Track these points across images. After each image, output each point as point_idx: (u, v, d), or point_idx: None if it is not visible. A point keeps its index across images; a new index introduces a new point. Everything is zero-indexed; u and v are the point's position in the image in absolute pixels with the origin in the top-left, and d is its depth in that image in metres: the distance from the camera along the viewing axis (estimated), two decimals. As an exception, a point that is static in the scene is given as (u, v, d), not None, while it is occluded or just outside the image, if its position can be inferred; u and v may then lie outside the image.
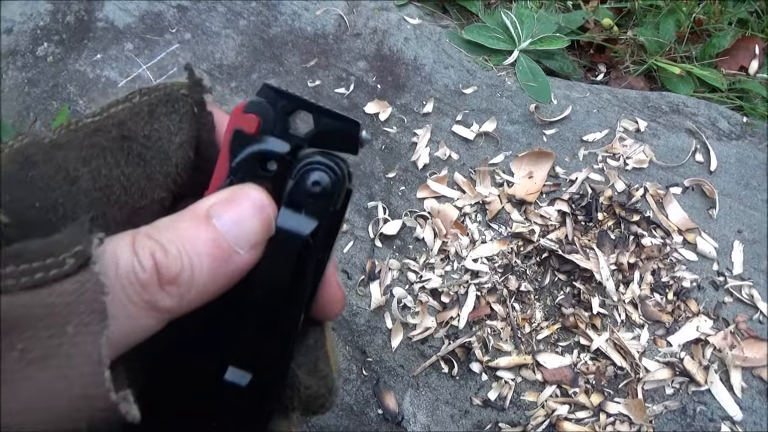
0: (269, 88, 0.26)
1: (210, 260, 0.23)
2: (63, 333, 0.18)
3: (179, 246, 0.22)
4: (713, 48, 1.18)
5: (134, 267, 0.21)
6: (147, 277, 0.21)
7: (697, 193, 0.98)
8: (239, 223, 0.24)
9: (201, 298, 0.23)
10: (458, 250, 0.95)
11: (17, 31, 1.23)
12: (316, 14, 1.19)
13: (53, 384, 0.18)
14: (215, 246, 0.23)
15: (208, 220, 0.23)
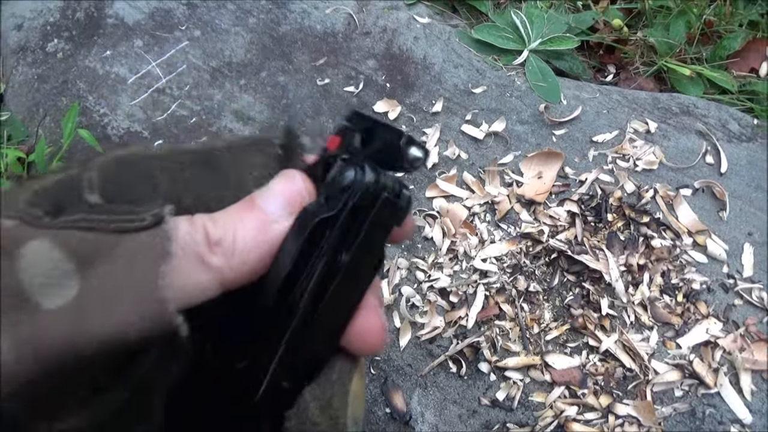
0: (354, 112, 0.30)
1: (250, 228, 0.26)
2: (134, 263, 0.23)
3: (225, 219, 0.26)
4: (724, 50, 1.18)
5: (190, 232, 0.25)
6: (199, 238, 0.25)
7: (708, 195, 0.98)
8: (276, 196, 0.27)
9: (246, 261, 0.26)
10: (467, 250, 0.95)
11: (27, 28, 1.24)
12: (326, 12, 1.19)
13: (116, 290, 0.22)
14: (255, 217, 0.26)
15: (253, 202, 0.27)
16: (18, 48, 1.22)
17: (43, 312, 0.21)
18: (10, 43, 1.23)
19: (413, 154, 0.29)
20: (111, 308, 0.22)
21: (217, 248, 0.25)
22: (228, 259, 0.25)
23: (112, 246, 0.23)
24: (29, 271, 0.22)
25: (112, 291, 0.22)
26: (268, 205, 0.27)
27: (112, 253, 0.23)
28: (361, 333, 0.29)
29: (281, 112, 1.09)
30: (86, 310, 0.22)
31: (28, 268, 0.22)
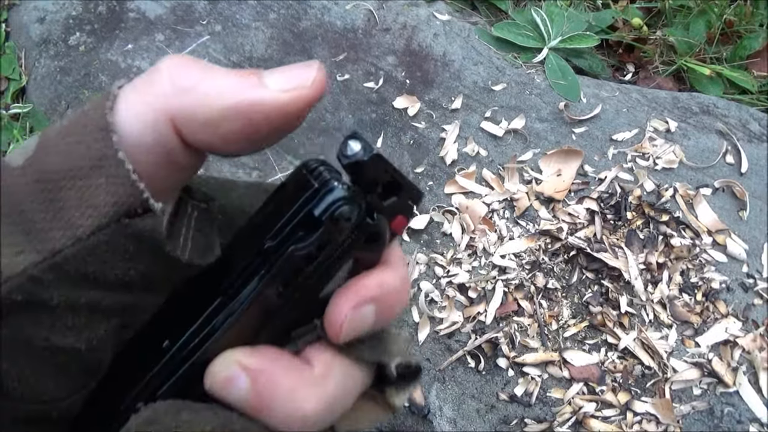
0: (380, 158, 0.25)
1: (232, 81, 0.21)
2: (84, 112, 0.21)
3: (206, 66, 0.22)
4: (744, 50, 1.18)
5: (150, 72, 0.22)
6: (159, 74, 0.22)
7: (728, 195, 0.98)
8: (281, 72, 0.22)
9: (209, 109, 0.21)
10: (486, 246, 0.95)
11: (50, 21, 1.25)
12: (346, 8, 1.20)
13: (69, 131, 0.21)
14: (242, 74, 0.22)
15: (255, 72, 0.22)
16: (41, 41, 1.23)
17: (12, 168, 0.21)
18: (32, 36, 1.24)
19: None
20: (62, 147, 0.21)
21: (183, 96, 0.21)
22: (192, 102, 0.21)
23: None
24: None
25: (64, 133, 0.21)
26: (270, 80, 0.22)
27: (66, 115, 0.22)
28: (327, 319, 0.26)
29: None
30: (44, 153, 0.21)
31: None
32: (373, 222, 0.25)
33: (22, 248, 0.20)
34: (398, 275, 0.26)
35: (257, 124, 0.22)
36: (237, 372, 0.23)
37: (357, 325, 0.24)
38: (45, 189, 0.20)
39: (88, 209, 0.20)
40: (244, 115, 0.21)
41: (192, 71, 0.22)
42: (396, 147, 1.05)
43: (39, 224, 0.20)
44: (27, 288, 0.20)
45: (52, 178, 0.21)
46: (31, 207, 0.20)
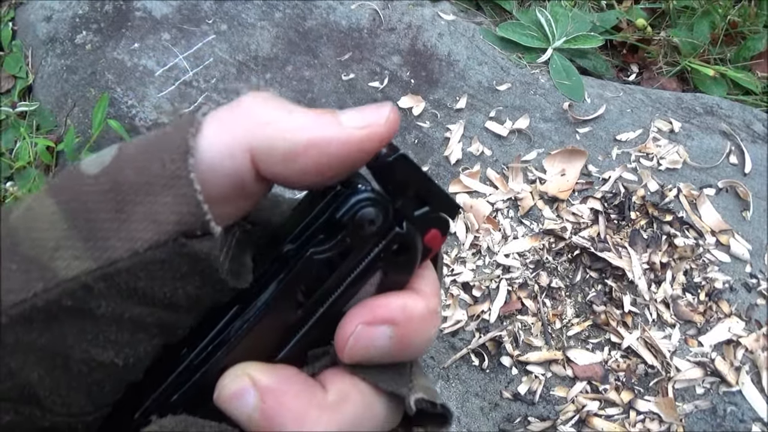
0: (405, 159, 0.24)
1: (306, 115, 0.22)
2: (165, 131, 0.22)
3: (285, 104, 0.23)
4: (748, 50, 1.18)
5: (233, 105, 0.23)
6: (242, 106, 0.22)
7: (731, 195, 0.98)
8: (356, 111, 0.23)
9: (289, 146, 0.22)
10: (490, 245, 0.96)
11: (56, 19, 1.26)
12: (351, 8, 1.20)
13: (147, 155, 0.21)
14: (320, 113, 0.23)
15: (330, 112, 0.23)
16: (47, 39, 1.24)
17: (86, 176, 0.21)
18: (39, 35, 1.25)
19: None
20: (138, 162, 0.21)
21: (263, 117, 0.22)
22: (269, 125, 0.22)
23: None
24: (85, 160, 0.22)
25: (142, 149, 0.21)
26: (346, 118, 0.22)
27: (147, 135, 0.22)
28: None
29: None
30: (120, 165, 0.21)
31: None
32: (401, 231, 0.23)
33: (80, 254, 0.20)
34: (426, 304, 0.24)
35: (332, 159, 0.22)
36: (247, 387, 0.22)
37: (367, 344, 0.23)
38: (114, 200, 0.21)
39: (151, 224, 0.21)
40: (321, 150, 0.22)
41: (273, 106, 0.22)
42: (401, 146, 1.05)
43: (101, 233, 0.21)
44: (78, 294, 0.20)
45: (123, 189, 0.21)
46: (98, 216, 0.21)
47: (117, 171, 0.21)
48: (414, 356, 0.25)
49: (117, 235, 0.20)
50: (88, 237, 0.21)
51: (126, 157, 0.22)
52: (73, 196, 0.21)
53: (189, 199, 0.21)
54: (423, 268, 0.25)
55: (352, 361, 0.23)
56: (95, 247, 0.20)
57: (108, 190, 0.21)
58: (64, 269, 0.20)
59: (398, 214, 0.23)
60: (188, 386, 0.23)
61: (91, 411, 0.22)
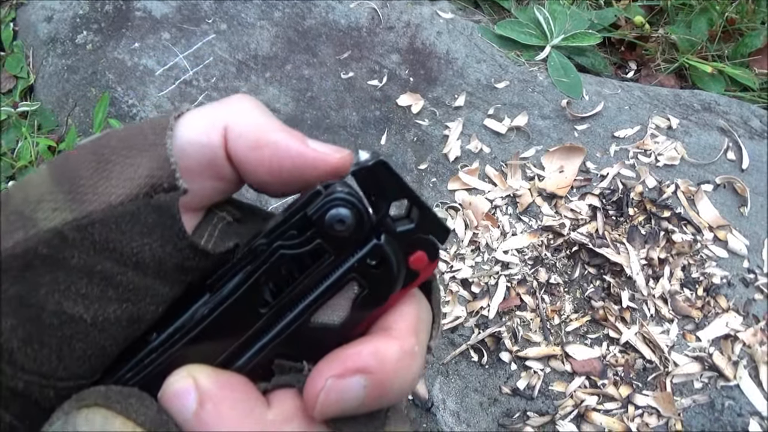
0: (385, 167, 0.24)
1: (284, 140, 0.24)
2: (146, 123, 0.24)
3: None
4: (745, 47, 1.18)
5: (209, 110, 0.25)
6: (220, 115, 0.25)
7: (729, 191, 0.99)
8: (324, 144, 0.25)
9: (269, 162, 0.24)
10: (489, 242, 0.96)
11: (57, 20, 1.26)
12: (350, 7, 1.21)
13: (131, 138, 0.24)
14: (296, 137, 0.25)
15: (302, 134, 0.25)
16: (48, 39, 1.25)
17: (76, 146, 0.25)
18: (40, 35, 1.26)
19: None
20: (122, 134, 0.24)
21: (240, 116, 0.24)
22: (251, 150, 0.24)
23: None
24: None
25: (129, 128, 0.24)
26: (310, 141, 0.25)
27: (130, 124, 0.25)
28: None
29: (306, 105, 1.11)
30: (107, 137, 0.24)
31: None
32: (378, 242, 0.23)
33: (59, 206, 0.22)
34: (402, 346, 0.22)
35: (287, 162, 0.24)
36: (189, 388, 0.22)
37: (339, 398, 0.22)
38: (95, 160, 0.23)
39: (126, 181, 0.22)
40: (281, 151, 0.24)
41: (253, 105, 0.25)
42: (400, 144, 1.06)
43: (81, 188, 0.22)
44: (53, 243, 0.21)
45: (104, 152, 0.23)
46: (79, 173, 0.23)
47: (103, 140, 0.24)
48: (393, 402, 0.23)
49: (94, 190, 0.22)
50: (68, 191, 0.22)
51: (113, 132, 0.24)
52: (62, 161, 0.23)
53: (160, 157, 0.23)
54: (404, 303, 0.24)
55: (325, 417, 0.22)
56: (74, 200, 0.22)
57: (91, 152, 0.23)
58: (43, 220, 0.22)
59: (378, 226, 0.23)
60: (145, 373, 0.23)
61: (63, 376, 0.23)
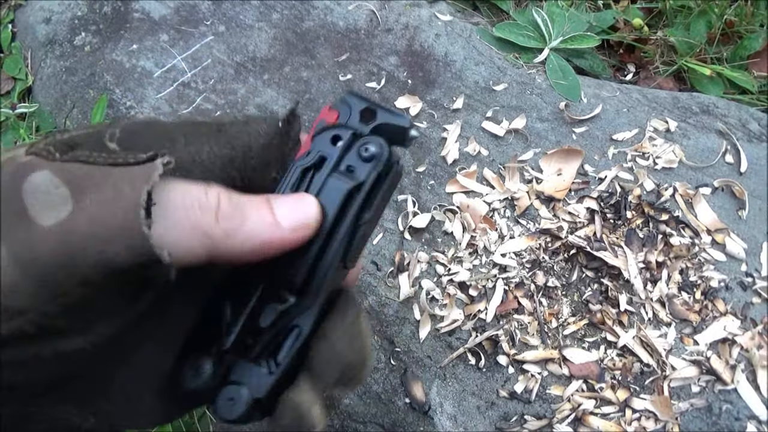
0: (350, 93, 0.35)
1: (264, 222, 0.29)
2: (121, 189, 0.25)
3: (240, 200, 0.29)
4: (744, 50, 1.18)
5: (201, 196, 0.27)
6: (208, 204, 0.27)
7: (727, 194, 0.98)
8: (291, 212, 0.30)
9: (246, 247, 0.28)
10: (486, 245, 0.96)
11: (55, 21, 1.26)
12: (348, 9, 1.21)
13: (102, 212, 0.25)
14: (266, 214, 0.29)
15: (269, 203, 0.30)
16: (46, 41, 1.25)
17: (37, 226, 0.24)
18: (38, 37, 1.26)
19: (413, 135, 0.35)
20: (97, 230, 0.24)
21: (224, 222, 0.27)
22: (229, 236, 0.27)
23: (106, 176, 0.26)
24: (31, 194, 0.25)
25: (100, 213, 0.25)
26: (282, 217, 0.29)
27: (104, 182, 0.25)
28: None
29: (304, 107, 1.11)
30: (75, 228, 0.24)
31: (31, 191, 0.25)
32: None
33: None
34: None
35: (272, 251, 0.30)
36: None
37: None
38: (67, 253, 0.24)
39: (102, 262, 0.24)
40: (265, 249, 0.29)
41: (229, 215, 0.28)
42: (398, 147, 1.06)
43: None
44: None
45: (77, 246, 0.24)
46: (52, 270, 0.24)
47: (70, 232, 0.25)
48: None
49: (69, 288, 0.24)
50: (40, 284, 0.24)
51: (81, 218, 0.25)
52: (26, 250, 0.24)
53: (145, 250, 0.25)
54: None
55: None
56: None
57: (61, 242, 0.24)
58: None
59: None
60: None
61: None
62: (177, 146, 0.29)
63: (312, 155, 0.33)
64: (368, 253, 0.97)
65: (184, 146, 0.29)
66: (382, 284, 0.95)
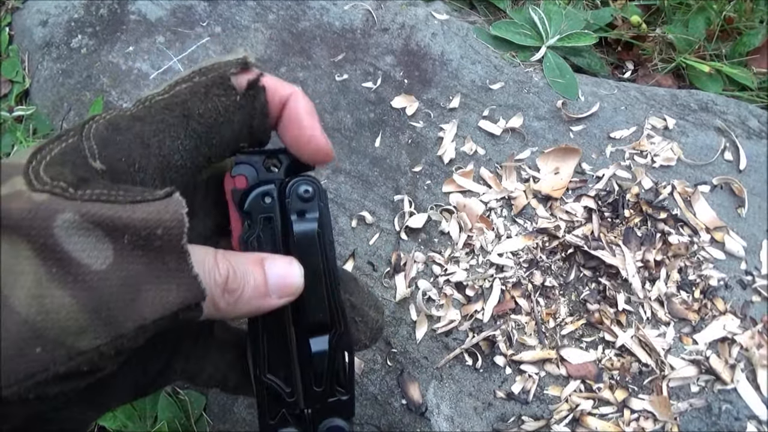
0: (241, 153, 0.36)
1: (255, 295, 0.32)
2: (155, 234, 0.27)
3: (242, 271, 0.31)
4: (743, 46, 1.17)
5: (215, 272, 0.30)
6: (221, 281, 0.30)
7: (726, 192, 0.98)
8: (279, 278, 0.33)
9: (240, 312, 0.32)
10: (483, 245, 0.96)
11: (52, 24, 1.26)
12: (344, 9, 1.20)
13: (149, 256, 0.27)
14: (260, 284, 0.32)
15: (262, 265, 0.33)
16: (43, 44, 1.25)
17: (91, 270, 0.25)
18: (35, 39, 1.26)
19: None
20: (153, 272, 0.27)
21: (228, 295, 0.30)
22: (230, 305, 0.31)
23: (130, 214, 0.27)
24: (68, 238, 0.25)
25: (148, 257, 0.27)
26: (271, 282, 0.32)
27: (133, 221, 0.26)
28: (315, 152, 0.36)
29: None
30: (132, 272, 0.26)
31: (66, 235, 0.25)
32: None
33: (99, 335, 0.26)
34: None
35: (263, 311, 0.33)
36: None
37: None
38: (127, 290, 0.26)
39: (159, 306, 0.27)
40: (260, 310, 0.33)
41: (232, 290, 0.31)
42: (394, 146, 1.05)
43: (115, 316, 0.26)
44: (93, 360, 0.26)
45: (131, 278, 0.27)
46: (110, 305, 0.26)
47: (127, 273, 0.27)
48: None
49: (128, 316, 0.26)
50: (105, 321, 0.26)
51: (132, 259, 0.27)
52: (86, 292, 0.25)
53: (192, 286, 0.28)
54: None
55: None
56: (110, 325, 0.26)
57: (122, 284, 0.26)
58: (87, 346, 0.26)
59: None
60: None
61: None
62: (151, 151, 0.30)
63: (255, 224, 0.35)
64: (364, 254, 0.97)
65: (158, 151, 0.30)
66: (379, 285, 0.95)
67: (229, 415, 0.91)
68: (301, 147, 0.35)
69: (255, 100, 0.33)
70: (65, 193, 0.26)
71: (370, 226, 0.99)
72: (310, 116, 0.35)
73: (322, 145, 0.35)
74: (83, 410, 0.32)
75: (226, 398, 0.92)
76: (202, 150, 0.32)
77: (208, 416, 0.93)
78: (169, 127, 0.31)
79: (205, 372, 0.38)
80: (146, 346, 0.30)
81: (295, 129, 0.35)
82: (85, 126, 0.29)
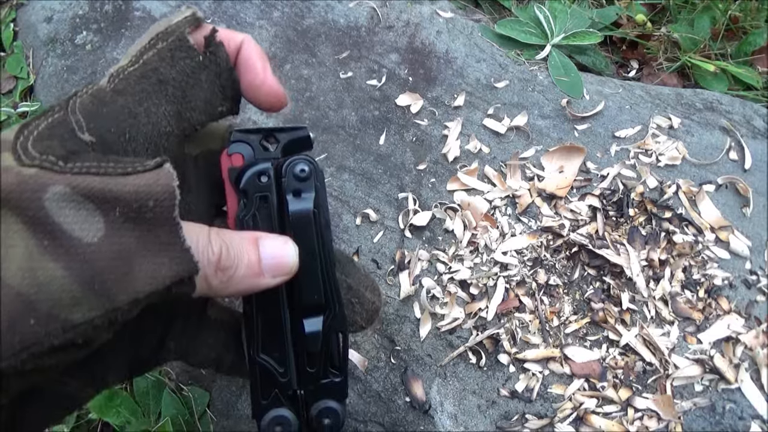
0: (238, 131, 0.37)
1: (248, 274, 0.32)
2: (147, 206, 0.27)
3: (236, 248, 0.31)
4: (749, 45, 1.17)
5: (208, 249, 0.30)
6: (214, 259, 0.30)
7: (731, 191, 0.97)
8: (272, 258, 0.33)
9: (233, 290, 0.32)
10: (488, 243, 0.96)
11: (57, 20, 1.26)
12: (349, 6, 1.20)
13: (141, 228, 0.27)
14: (254, 263, 0.32)
15: (256, 244, 0.33)
16: (48, 40, 1.25)
17: (83, 243, 0.25)
18: (40, 35, 1.26)
19: (313, 137, 0.39)
20: (144, 245, 0.27)
21: (221, 273, 0.30)
22: (223, 283, 0.31)
23: (121, 186, 0.27)
24: (59, 211, 0.25)
25: (139, 229, 0.27)
26: (265, 261, 0.32)
27: (124, 194, 0.26)
28: (269, 98, 0.36)
29: (305, 105, 1.11)
30: (125, 245, 0.26)
31: (58, 208, 0.25)
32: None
33: (93, 306, 0.26)
34: None
35: (247, 293, 0.34)
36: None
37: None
38: (123, 269, 0.26)
39: (151, 279, 0.27)
40: (253, 289, 0.33)
41: (227, 265, 0.31)
42: (399, 144, 1.05)
43: (108, 288, 0.26)
44: (87, 333, 0.26)
45: (123, 250, 0.26)
46: (104, 276, 0.26)
47: (121, 246, 0.26)
48: None
49: (122, 288, 0.26)
50: (99, 292, 0.26)
51: (123, 232, 0.27)
52: (79, 264, 0.25)
53: (184, 260, 0.28)
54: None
55: None
56: (104, 298, 0.26)
57: (113, 258, 0.26)
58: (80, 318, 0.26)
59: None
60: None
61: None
62: (140, 120, 0.30)
63: (251, 203, 0.35)
64: (368, 251, 0.97)
65: (146, 119, 0.31)
66: (383, 282, 0.95)
67: (232, 411, 0.91)
68: (255, 92, 0.35)
69: (217, 57, 0.34)
70: (55, 167, 0.26)
71: (374, 223, 0.99)
72: (262, 60, 0.35)
73: (274, 88, 0.35)
74: (82, 387, 0.33)
75: (229, 395, 0.92)
76: (185, 115, 0.33)
77: (212, 413, 0.93)
78: (150, 95, 0.31)
79: (199, 352, 0.37)
80: (139, 322, 0.30)
81: (250, 75, 0.35)
82: (70, 101, 0.29)
